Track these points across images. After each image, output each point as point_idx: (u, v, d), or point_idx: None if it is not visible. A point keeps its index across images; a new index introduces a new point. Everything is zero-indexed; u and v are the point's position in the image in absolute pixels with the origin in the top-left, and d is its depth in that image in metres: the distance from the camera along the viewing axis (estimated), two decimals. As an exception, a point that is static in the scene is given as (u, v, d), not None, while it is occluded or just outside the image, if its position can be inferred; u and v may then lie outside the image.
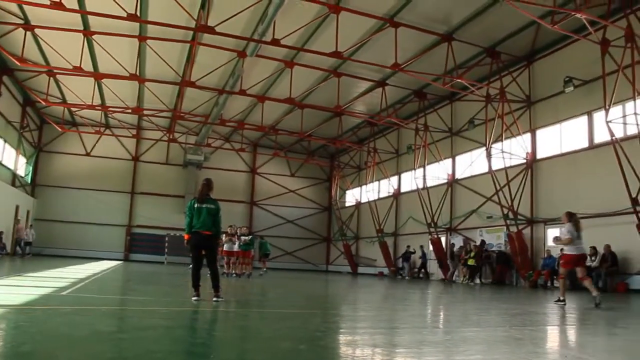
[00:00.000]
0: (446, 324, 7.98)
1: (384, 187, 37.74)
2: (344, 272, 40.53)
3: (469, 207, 27.82)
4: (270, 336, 5.64)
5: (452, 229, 29.23)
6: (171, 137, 37.01)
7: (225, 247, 21.00)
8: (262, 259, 25.89)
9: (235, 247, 21.06)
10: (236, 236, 21.21)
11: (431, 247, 29.58)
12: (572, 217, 11.49)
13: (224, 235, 21.09)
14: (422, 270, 29.92)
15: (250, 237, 21.07)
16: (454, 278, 26.67)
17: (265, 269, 24.16)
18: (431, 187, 30.38)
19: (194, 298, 9.07)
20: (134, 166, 41.21)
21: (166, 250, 38.50)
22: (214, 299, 9.08)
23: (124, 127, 38.51)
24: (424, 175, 30.15)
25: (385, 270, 34.90)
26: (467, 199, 28.30)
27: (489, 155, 24.24)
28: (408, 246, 30.31)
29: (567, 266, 11.52)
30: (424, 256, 29.78)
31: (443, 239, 29.46)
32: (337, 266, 43.47)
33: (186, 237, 9.38)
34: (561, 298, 11.58)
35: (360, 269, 39.70)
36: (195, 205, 9.36)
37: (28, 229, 33.54)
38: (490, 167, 24.26)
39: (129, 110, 32.38)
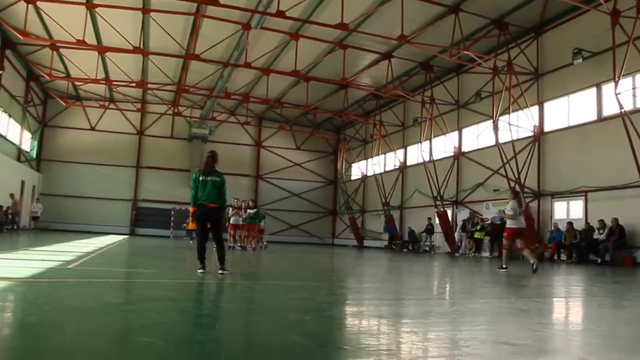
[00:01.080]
0: (452, 295, 8.01)
1: (390, 160, 37.73)
2: (350, 245, 40.83)
3: (476, 180, 27.76)
4: (276, 307, 5.68)
5: (458, 202, 29.24)
6: (176, 110, 36.95)
7: (232, 220, 21.07)
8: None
9: (241, 221, 21.13)
10: (242, 209, 21.27)
11: (437, 220, 29.66)
12: (517, 196, 13.09)
13: (230, 208, 21.17)
14: (428, 243, 30.03)
15: (256, 210, 21.08)
16: (460, 251, 26.78)
17: (265, 242, 24.06)
18: (437, 160, 30.32)
19: (199, 271, 9.12)
20: (139, 140, 41.24)
21: (172, 224, 38.74)
22: (220, 271, 9.12)
23: (128, 101, 38.45)
24: (430, 148, 30.06)
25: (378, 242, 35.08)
26: (473, 172, 28.23)
27: (495, 128, 24.10)
28: (429, 219, 30.25)
29: (509, 238, 13.01)
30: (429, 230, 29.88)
31: (449, 212, 29.51)
32: (343, 239, 43.71)
33: (191, 209, 9.40)
34: (504, 266, 13.00)
35: (366, 242, 39.95)
36: (201, 178, 9.33)
37: (35, 203, 33.69)
38: (497, 139, 24.13)
39: (133, 84, 32.27)
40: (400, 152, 36.12)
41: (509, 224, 12.95)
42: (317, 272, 11.67)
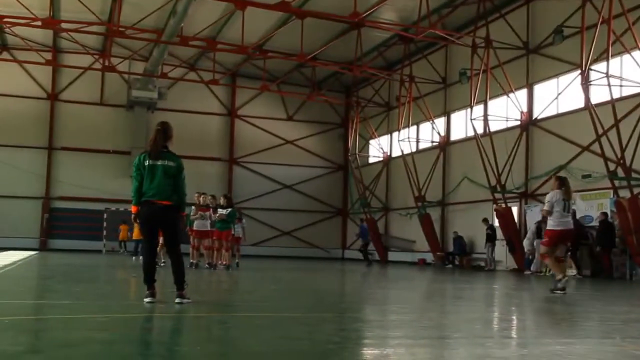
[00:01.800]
0: (521, 332, 7.97)
1: (425, 134, 37.71)
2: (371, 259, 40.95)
3: (554, 162, 27.74)
4: (259, 352, 5.63)
5: (528, 195, 29.19)
6: (107, 64, 36.78)
7: (195, 225, 21.14)
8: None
9: (209, 226, 21.19)
10: (210, 209, 21.31)
11: (496, 222, 29.63)
12: (562, 184, 13.46)
13: (192, 207, 21.15)
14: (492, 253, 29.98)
15: (230, 210, 20.90)
16: (533, 268, 26.71)
17: (237, 260, 23.73)
18: (496, 132, 30.26)
19: (147, 299, 9.13)
20: (51, 108, 41.30)
21: (105, 232, 38.73)
22: (177, 299, 9.15)
23: (31, 48, 38.30)
24: (486, 115, 29.99)
25: (429, 256, 35.07)
26: (550, 148, 28.22)
27: (586, 82, 23.92)
28: (485, 219, 30.00)
29: (550, 244, 13.43)
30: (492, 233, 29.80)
31: (515, 210, 29.48)
32: (357, 251, 43.85)
33: (134, 209, 9.38)
34: (559, 285, 13.22)
35: (392, 255, 39.95)
36: (146, 163, 9.33)
37: None
38: (587, 99, 24.02)
39: (39, 23, 31.97)
40: (441, 121, 36.11)
41: (550, 224, 13.48)
42: (319, 298, 11.69)
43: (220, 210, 20.84)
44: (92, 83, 41.81)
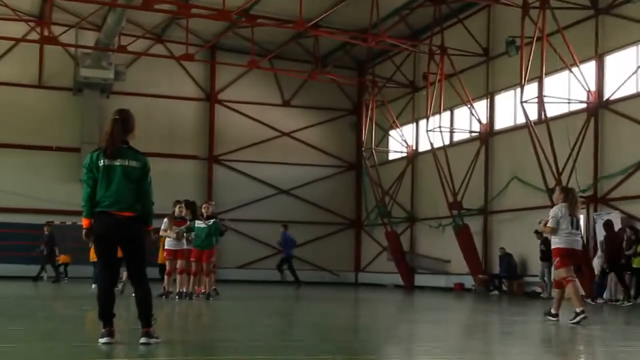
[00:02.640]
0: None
1: (461, 122, 37.65)
2: (389, 284, 41.00)
3: (634, 156, 27.73)
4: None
5: (598, 199, 29.16)
6: (46, 33, 36.71)
7: (168, 244, 21.14)
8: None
9: (186, 244, 21.18)
10: (187, 221, 21.32)
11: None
12: (567, 196, 15.09)
13: (165, 220, 21.19)
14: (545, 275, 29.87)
15: (213, 221, 20.84)
16: (606, 296, 26.65)
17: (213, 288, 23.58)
18: (555, 118, 30.15)
19: (102, 340, 9.13)
20: (-26, 93, 41.18)
21: (45, 252, 38.52)
22: (143, 339, 9.15)
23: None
24: (541, 96, 29.89)
25: (468, 280, 34.98)
26: (628, 138, 28.20)
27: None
28: (538, 233, 29.86)
29: (563, 265, 14.80)
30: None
31: (581, 219, 29.32)
32: (375, 274, 44.00)
33: (85, 222, 9.37)
34: (552, 311, 15.01)
35: (420, 278, 39.95)
36: (101, 163, 9.32)
37: None
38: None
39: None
40: (482, 105, 36.01)
41: (555, 242, 15.01)
42: (325, 335, 11.70)
43: (198, 223, 20.80)
44: (27, 59, 41.54)
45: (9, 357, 8.20)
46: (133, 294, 9.76)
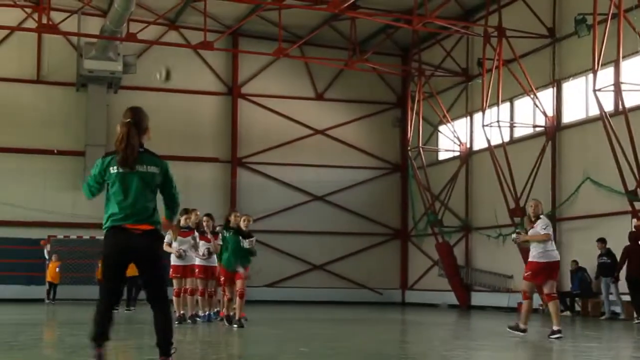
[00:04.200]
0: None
1: (523, 115, 37.46)
2: (441, 304, 41.04)
3: None
4: None
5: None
6: (45, 21, 36.85)
7: (174, 260, 21.23)
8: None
9: (214, 260, 21.30)
10: (193, 231, 21.41)
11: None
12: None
13: (169, 233, 21.12)
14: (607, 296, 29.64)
15: (252, 239, 20.13)
16: None
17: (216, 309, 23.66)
18: (633, 108, 29.87)
19: None
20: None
21: (47, 270, 38.69)
22: None
23: None
24: (618, 83, 29.63)
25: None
26: None
27: None
28: (600, 239, 29.64)
29: (532, 278, 17.59)
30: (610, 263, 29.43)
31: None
32: (424, 292, 44.08)
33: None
34: (522, 326, 17.74)
35: (477, 297, 39.69)
36: (114, 170, 9.25)
37: None
38: None
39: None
40: (547, 94, 35.78)
41: (534, 255, 17.56)
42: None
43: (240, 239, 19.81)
44: (24, 50, 41.82)
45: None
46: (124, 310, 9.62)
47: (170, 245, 20.88)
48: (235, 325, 19.06)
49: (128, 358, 12.60)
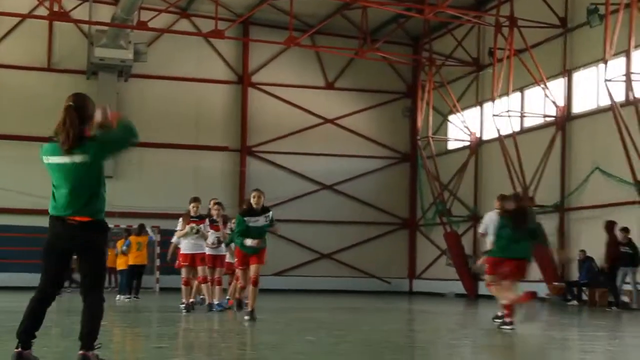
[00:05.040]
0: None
1: (534, 105, 37.51)
2: (449, 293, 41.21)
3: None
4: None
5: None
6: (56, 8, 36.93)
7: (185, 247, 21.18)
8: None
9: (224, 249, 21.54)
10: (205, 220, 21.33)
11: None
12: (502, 202, 18.49)
13: (180, 220, 21.30)
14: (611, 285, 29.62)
15: (269, 215, 19.04)
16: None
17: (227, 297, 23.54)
18: (640, 100, 29.88)
19: None
20: (-24, 78, 41.58)
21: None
22: None
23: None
24: (629, 74, 29.63)
25: (542, 288, 34.76)
26: None
27: None
28: (623, 229, 29.59)
29: (491, 271, 17.44)
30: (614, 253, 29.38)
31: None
32: (432, 282, 44.25)
33: None
34: (498, 313, 17.67)
35: (485, 286, 39.70)
36: (48, 160, 9.25)
37: None
38: None
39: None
40: (558, 84, 35.78)
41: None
42: (378, 354, 11.60)
43: (251, 220, 18.45)
44: (36, 38, 41.93)
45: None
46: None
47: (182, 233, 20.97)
48: (247, 317, 18.51)
49: (136, 345, 12.67)
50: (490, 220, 19.12)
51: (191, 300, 21.47)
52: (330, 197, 45.19)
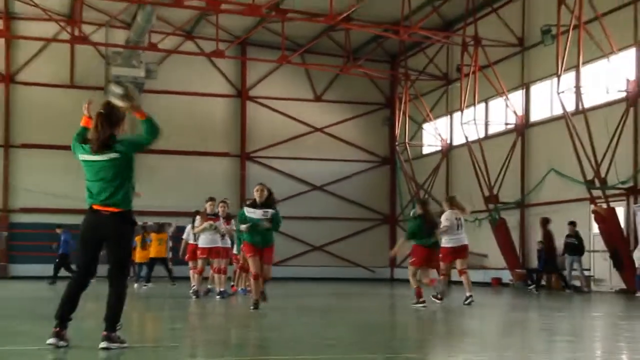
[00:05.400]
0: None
1: (496, 114, 37.54)
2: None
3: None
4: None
5: (638, 191, 28.90)
6: (77, 33, 36.96)
7: (201, 242, 21.25)
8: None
9: (228, 241, 21.65)
10: (220, 219, 21.38)
11: (595, 228, 29.40)
12: (452, 203, 20.01)
13: (198, 217, 21.48)
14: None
15: (272, 211, 16.96)
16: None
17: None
18: (593, 108, 29.94)
19: (50, 340, 8.98)
20: (6, 93, 41.43)
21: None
22: (103, 344, 8.87)
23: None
24: (578, 87, 29.73)
25: (506, 275, 34.90)
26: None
27: None
28: (572, 224, 29.66)
29: (446, 260, 19.71)
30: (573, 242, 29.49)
31: (620, 212, 29.31)
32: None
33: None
34: (439, 295, 19.62)
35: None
36: (83, 158, 9.49)
37: None
38: None
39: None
40: (517, 96, 35.78)
41: (444, 241, 19.48)
42: (364, 334, 11.72)
43: (248, 212, 16.63)
44: (59, 59, 41.83)
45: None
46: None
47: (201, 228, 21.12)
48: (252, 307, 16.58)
49: (152, 326, 12.78)
50: (449, 218, 19.75)
51: (208, 287, 21.57)
52: (320, 197, 45.13)
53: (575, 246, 29.09)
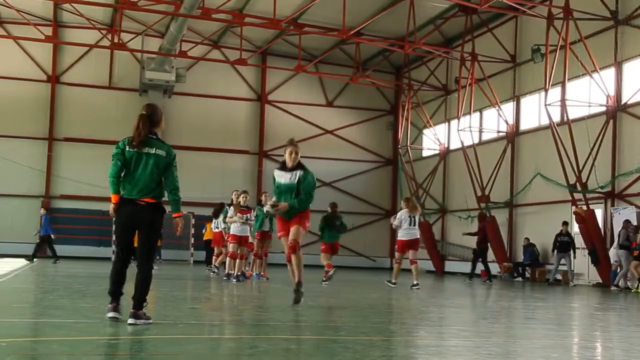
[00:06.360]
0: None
1: (490, 122, 37.56)
2: (422, 270, 40.68)
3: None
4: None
5: (615, 195, 28.91)
6: (116, 40, 37.05)
7: (233, 230, 21.37)
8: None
9: (247, 229, 21.78)
10: (251, 211, 21.78)
11: (576, 227, 29.33)
12: (407, 203, 21.02)
13: (231, 208, 21.78)
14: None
15: (298, 173, 15.66)
16: (619, 282, 26.41)
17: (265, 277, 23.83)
18: (576, 119, 29.89)
19: (110, 314, 9.14)
20: (52, 92, 41.74)
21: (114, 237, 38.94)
22: (130, 320, 8.94)
23: (29, 23, 38.74)
24: (563, 100, 29.67)
25: (494, 267, 34.85)
26: (642, 140, 27.88)
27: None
28: (565, 224, 29.57)
29: (400, 250, 20.96)
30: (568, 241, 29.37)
31: (598, 213, 29.17)
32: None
33: (115, 198, 9.36)
34: (393, 280, 21.27)
35: (450, 265, 40.06)
36: (130, 150, 9.36)
37: None
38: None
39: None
40: (509, 107, 35.89)
41: (399, 235, 20.86)
42: (364, 317, 11.65)
43: (278, 174, 14.22)
44: (100, 63, 42.16)
45: (82, 332, 8.30)
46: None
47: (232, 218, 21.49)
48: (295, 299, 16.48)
49: (175, 305, 12.75)
50: (401, 216, 20.80)
51: (240, 272, 21.44)
52: (329, 192, 44.89)
53: (568, 244, 29.03)
